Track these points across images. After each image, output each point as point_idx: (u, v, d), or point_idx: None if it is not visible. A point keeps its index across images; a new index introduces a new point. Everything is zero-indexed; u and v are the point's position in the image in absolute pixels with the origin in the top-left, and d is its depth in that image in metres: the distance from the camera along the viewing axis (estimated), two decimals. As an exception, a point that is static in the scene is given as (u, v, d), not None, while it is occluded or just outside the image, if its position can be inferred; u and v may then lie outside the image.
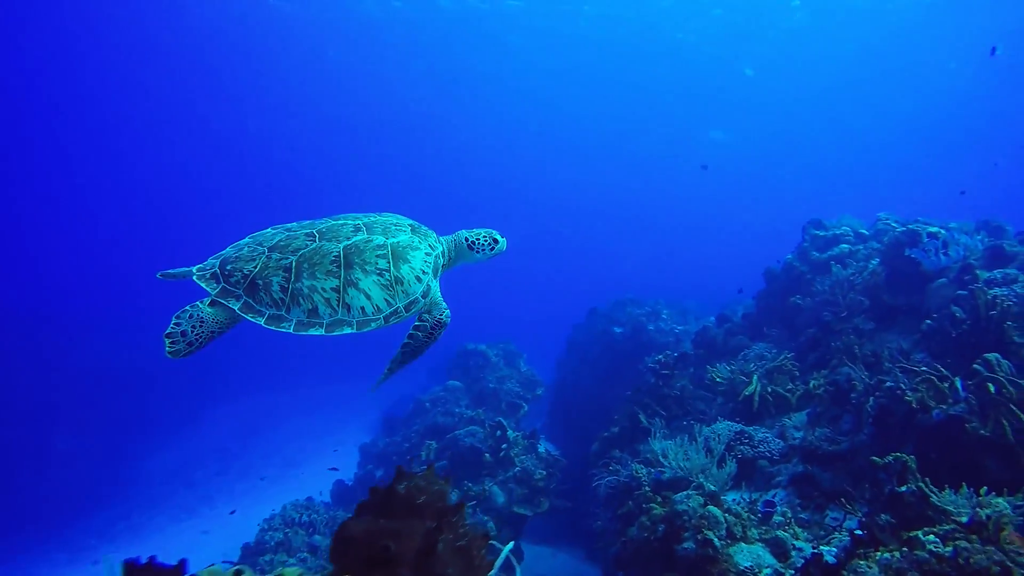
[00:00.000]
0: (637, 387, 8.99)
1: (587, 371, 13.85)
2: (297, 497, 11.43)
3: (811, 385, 6.67)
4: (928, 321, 5.79)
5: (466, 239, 3.29)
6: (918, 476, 4.14)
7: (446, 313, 3.04)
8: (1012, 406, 4.54)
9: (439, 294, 3.08)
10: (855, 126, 37.20)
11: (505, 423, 9.82)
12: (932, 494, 3.97)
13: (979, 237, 6.50)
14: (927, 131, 36.86)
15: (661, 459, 5.57)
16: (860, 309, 6.94)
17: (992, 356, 4.91)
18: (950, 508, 3.76)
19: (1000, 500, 3.63)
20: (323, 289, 2.68)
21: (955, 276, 6.17)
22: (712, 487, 5.21)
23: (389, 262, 2.80)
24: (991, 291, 5.52)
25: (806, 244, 8.99)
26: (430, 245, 3.04)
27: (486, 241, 3.32)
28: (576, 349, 14.97)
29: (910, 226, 7.00)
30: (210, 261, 2.81)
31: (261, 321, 2.66)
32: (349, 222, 2.94)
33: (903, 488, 4.12)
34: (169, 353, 2.69)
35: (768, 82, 30.79)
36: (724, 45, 26.76)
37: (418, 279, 2.89)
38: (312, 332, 2.68)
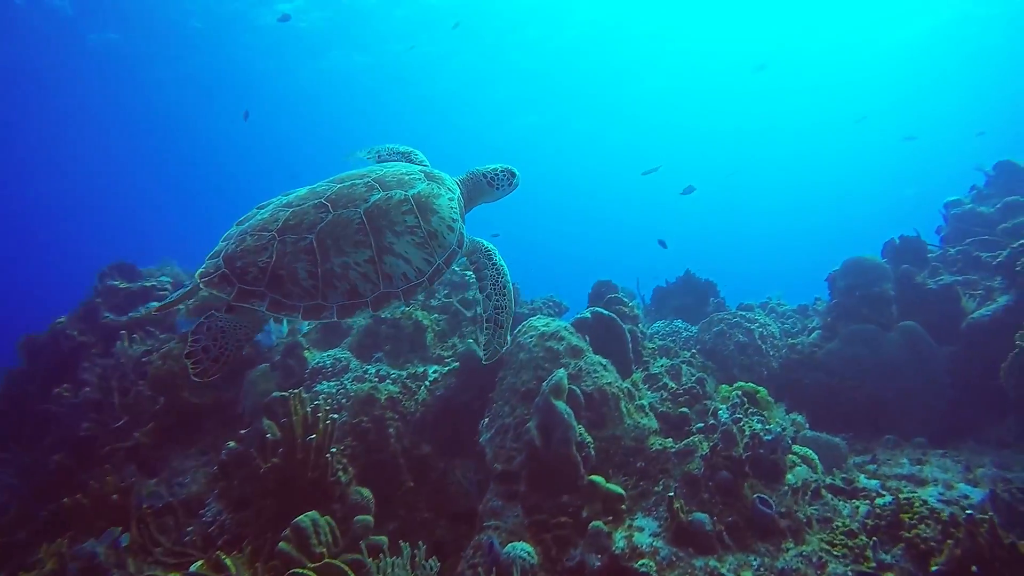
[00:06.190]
0: None
1: None
2: None
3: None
4: (232, 444, 3.43)
5: (484, 175, 2.90)
6: None
7: (488, 244, 2.75)
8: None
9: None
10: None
11: None
12: None
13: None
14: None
15: None
16: (149, 412, 4.08)
17: (306, 521, 2.86)
18: None
19: None
20: (357, 264, 2.19)
21: (280, 360, 4.14)
22: None
23: (417, 217, 2.37)
24: (320, 387, 3.65)
25: (98, 300, 5.54)
26: (448, 189, 2.64)
27: (504, 176, 2.93)
28: None
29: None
30: (209, 262, 2.16)
31: (299, 317, 2.15)
32: (358, 182, 2.40)
33: None
34: (195, 375, 2.19)
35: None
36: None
37: (450, 228, 2.48)
38: (359, 315, 2.21)
